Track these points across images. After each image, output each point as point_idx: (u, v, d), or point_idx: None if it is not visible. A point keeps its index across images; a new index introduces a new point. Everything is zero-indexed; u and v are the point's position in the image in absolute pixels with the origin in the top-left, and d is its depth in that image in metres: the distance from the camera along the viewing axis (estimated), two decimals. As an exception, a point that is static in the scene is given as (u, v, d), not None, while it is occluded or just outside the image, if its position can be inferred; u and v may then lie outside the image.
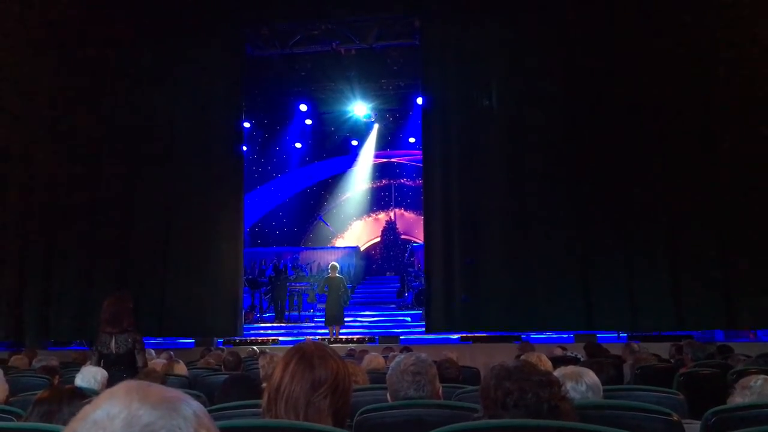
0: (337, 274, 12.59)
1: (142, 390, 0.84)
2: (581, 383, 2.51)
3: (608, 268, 10.13)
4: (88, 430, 0.81)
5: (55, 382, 5.02)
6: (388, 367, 4.68)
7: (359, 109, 17.40)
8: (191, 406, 0.85)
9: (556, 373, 2.51)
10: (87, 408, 0.85)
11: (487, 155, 10.77)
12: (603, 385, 2.67)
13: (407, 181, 20.38)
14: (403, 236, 20.02)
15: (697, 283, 9.75)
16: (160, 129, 11.63)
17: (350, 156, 20.16)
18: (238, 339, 11.98)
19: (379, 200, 20.75)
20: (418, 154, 19.66)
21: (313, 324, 13.90)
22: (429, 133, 11.24)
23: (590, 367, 2.87)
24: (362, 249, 19.80)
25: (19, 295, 11.21)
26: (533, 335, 11.81)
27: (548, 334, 12.25)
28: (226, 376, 4.80)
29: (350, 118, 18.20)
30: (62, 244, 11.32)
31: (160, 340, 11.32)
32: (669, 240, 9.92)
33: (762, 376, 2.77)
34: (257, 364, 5.22)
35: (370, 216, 20.81)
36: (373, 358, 5.21)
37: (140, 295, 10.82)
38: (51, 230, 11.33)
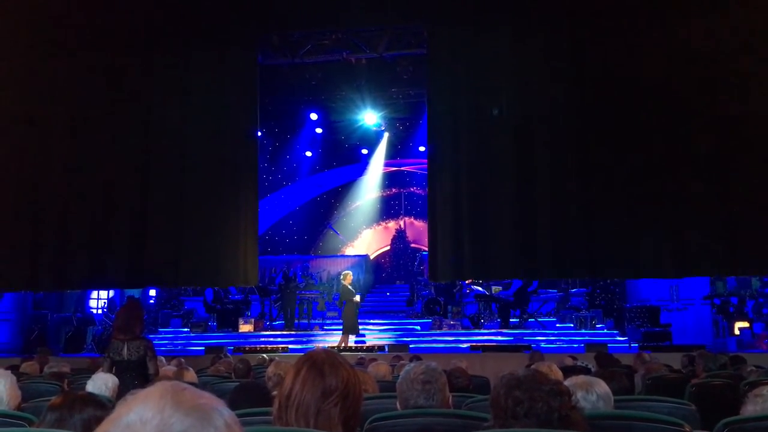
0: (345, 283, 12.55)
1: (176, 395, 0.84)
2: (592, 393, 2.50)
3: (612, 218, 10.07)
4: None
5: (65, 388, 5.05)
6: (395, 376, 4.69)
7: (369, 117, 17.43)
8: (223, 415, 0.85)
9: (568, 382, 2.50)
10: (121, 409, 0.85)
11: (495, 164, 10.76)
12: (614, 395, 2.66)
13: (417, 189, 20.37)
14: (412, 245, 19.98)
15: (700, 231, 9.67)
16: (174, 137, 11.69)
17: (360, 164, 20.20)
18: (248, 347, 12.00)
19: (388, 209, 20.75)
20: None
21: (323, 332, 13.89)
22: (434, 143, 11.26)
23: (602, 376, 2.86)
24: (372, 257, 19.79)
25: (34, 244, 11.25)
26: (543, 344, 11.77)
27: (560, 346, 12.20)
28: (236, 383, 4.81)
29: (360, 126, 18.23)
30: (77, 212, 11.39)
31: (170, 345, 11.31)
32: (673, 193, 9.86)
33: (775, 387, 2.75)
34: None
35: (379, 224, 20.81)
36: (378, 366, 5.20)
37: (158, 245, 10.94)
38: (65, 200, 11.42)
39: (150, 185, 11.40)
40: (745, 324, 13.01)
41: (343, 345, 11.79)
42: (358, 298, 12.19)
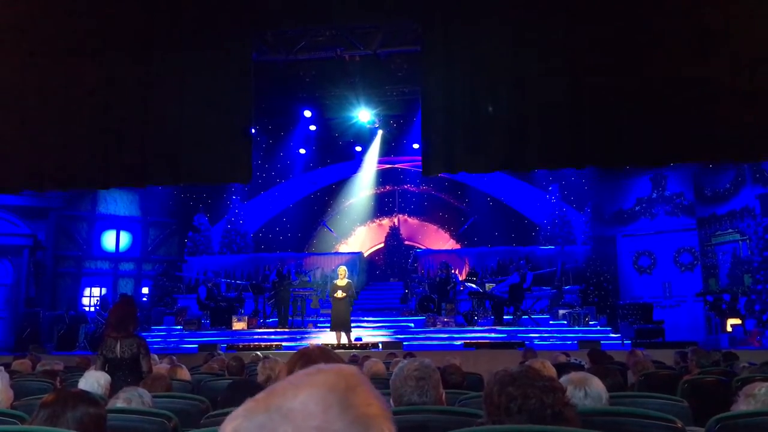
0: (336, 281, 12.56)
1: (348, 394, 0.78)
2: (581, 389, 2.51)
3: (596, 112, 10.16)
4: (279, 419, 0.75)
5: (57, 385, 5.03)
6: (390, 373, 4.69)
7: (363, 115, 17.42)
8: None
9: (563, 378, 2.51)
10: (288, 388, 0.78)
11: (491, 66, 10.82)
12: (608, 391, 2.66)
13: (411, 187, 20.38)
14: (406, 242, 20.00)
15: (674, 120, 9.78)
16: (168, 133, 11.65)
17: (354, 162, 20.18)
18: (241, 344, 11.98)
19: (382, 206, 20.75)
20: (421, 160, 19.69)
21: (316, 330, 13.89)
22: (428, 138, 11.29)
23: (595, 373, 2.86)
24: (366, 255, 19.79)
25: (37, 144, 11.22)
26: (537, 341, 11.80)
27: (553, 343, 12.21)
28: (230, 381, 4.81)
29: (354, 123, 18.23)
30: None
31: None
32: (653, 88, 9.95)
33: (767, 384, 2.76)
34: (260, 369, 5.22)
35: (373, 222, 20.80)
36: (373, 364, 5.21)
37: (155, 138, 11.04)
38: None
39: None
40: (738, 321, 13.10)
41: (338, 342, 11.79)
42: (339, 294, 12.10)
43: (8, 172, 11.22)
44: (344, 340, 12.01)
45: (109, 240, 18.31)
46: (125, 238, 18.49)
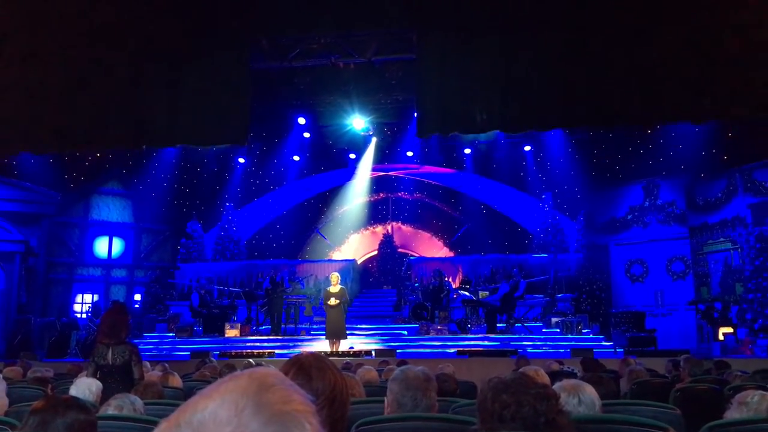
0: (329, 288, 12.57)
1: (261, 393, 0.75)
2: (574, 396, 2.51)
3: (583, 73, 10.30)
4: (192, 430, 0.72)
5: (48, 392, 4.99)
6: (383, 380, 4.69)
7: (357, 122, 17.44)
8: (306, 429, 0.76)
9: (557, 385, 2.51)
10: (198, 400, 0.76)
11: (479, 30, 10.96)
12: (601, 399, 2.67)
13: (405, 194, 20.39)
14: (400, 250, 19.99)
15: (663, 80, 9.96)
16: (165, 100, 11.67)
17: (348, 169, 20.19)
18: (234, 352, 11.93)
19: (376, 213, 20.74)
20: (415, 168, 19.72)
21: (309, 337, 13.85)
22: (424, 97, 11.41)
23: (589, 381, 2.87)
24: (359, 262, 19.77)
25: (37, 106, 11.27)
26: (530, 349, 11.80)
27: (546, 351, 12.21)
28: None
29: (348, 131, 18.25)
30: None
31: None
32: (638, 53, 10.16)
33: (759, 392, 2.78)
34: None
35: (367, 229, 20.79)
36: (366, 372, 5.21)
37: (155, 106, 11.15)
38: None
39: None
40: (729, 329, 13.14)
41: (332, 349, 11.77)
42: (332, 301, 12.14)
43: (5, 136, 11.25)
44: (339, 347, 12.00)
45: (101, 246, 18.23)
46: (118, 245, 18.41)
